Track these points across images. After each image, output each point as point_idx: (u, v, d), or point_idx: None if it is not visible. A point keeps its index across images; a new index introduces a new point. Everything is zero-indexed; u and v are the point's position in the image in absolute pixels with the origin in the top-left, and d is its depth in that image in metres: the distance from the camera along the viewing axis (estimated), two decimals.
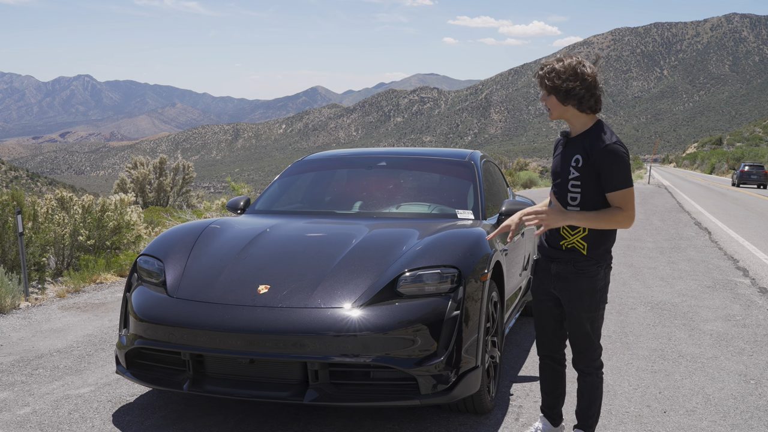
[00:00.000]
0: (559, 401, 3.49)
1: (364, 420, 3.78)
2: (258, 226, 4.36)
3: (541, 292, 3.34)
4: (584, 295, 3.17)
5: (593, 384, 3.28)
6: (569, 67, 3.07)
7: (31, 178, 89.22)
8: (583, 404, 3.31)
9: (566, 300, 3.22)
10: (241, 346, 3.35)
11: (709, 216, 16.70)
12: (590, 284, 3.16)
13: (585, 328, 3.21)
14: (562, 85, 3.06)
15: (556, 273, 3.22)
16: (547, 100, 3.16)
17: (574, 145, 3.16)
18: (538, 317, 3.40)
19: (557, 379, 3.44)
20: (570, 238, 3.17)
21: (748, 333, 5.78)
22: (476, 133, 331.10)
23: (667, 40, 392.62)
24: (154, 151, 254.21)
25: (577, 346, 3.27)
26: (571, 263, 3.17)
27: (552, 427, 3.50)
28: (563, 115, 3.17)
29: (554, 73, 3.08)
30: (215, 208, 14.62)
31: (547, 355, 3.43)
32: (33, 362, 4.87)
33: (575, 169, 3.11)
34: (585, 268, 3.16)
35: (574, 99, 3.08)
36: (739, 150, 71.18)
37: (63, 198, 8.88)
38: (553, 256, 3.24)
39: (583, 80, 3.07)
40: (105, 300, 7.00)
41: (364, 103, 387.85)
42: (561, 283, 3.22)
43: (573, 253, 3.16)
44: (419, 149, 6.02)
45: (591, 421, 3.31)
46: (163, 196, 19.57)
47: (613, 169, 3.04)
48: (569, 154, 3.16)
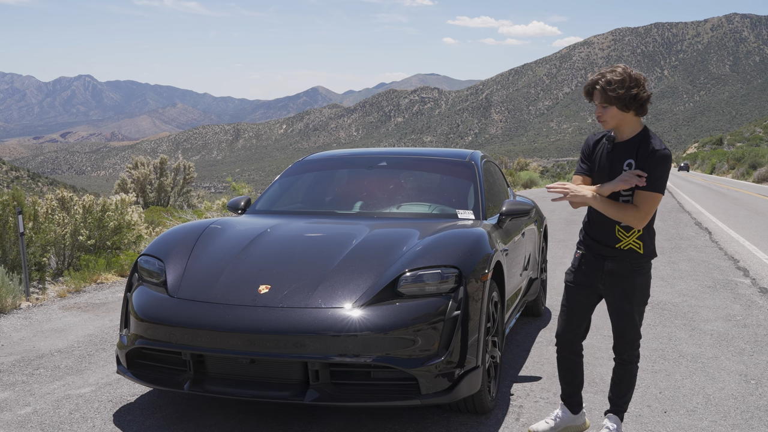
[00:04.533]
0: (578, 389, 3.64)
1: (365, 420, 3.79)
2: (258, 226, 4.36)
3: (582, 287, 3.49)
4: (638, 290, 3.38)
5: (632, 372, 3.49)
6: (626, 75, 3.21)
7: (31, 178, 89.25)
8: (620, 391, 3.50)
9: (619, 295, 3.39)
10: (241, 346, 3.35)
11: (709, 216, 16.70)
12: (644, 280, 3.39)
13: (635, 319, 3.42)
14: (627, 93, 3.19)
15: (610, 270, 3.39)
16: (605, 112, 3.26)
17: (624, 149, 3.30)
18: (569, 311, 3.53)
19: (576, 370, 3.61)
20: (626, 240, 3.34)
21: (748, 333, 5.78)
22: (477, 133, 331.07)
23: (667, 41, 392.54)
24: (154, 151, 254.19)
25: (625, 336, 3.45)
26: (627, 261, 3.36)
27: (572, 415, 3.64)
28: (620, 123, 3.28)
29: (616, 83, 3.19)
30: (216, 208, 14.63)
31: (567, 347, 3.57)
32: (34, 362, 4.87)
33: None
34: (641, 265, 3.37)
35: (637, 104, 3.22)
36: (739, 150, 71.11)
37: (64, 198, 8.89)
38: (607, 254, 3.39)
39: (641, 85, 3.23)
40: (106, 300, 7.01)
41: (364, 104, 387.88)
42: (614, 279, 3.39)
43: (630, 252, 3.35)
44: (420, 149, 6.02)
45: (626, 406, 3.53)
46: (164, 196, 19.57)
47: (656, 173, 3.22)
48: (620, 158, 3.31)
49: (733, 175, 54.99)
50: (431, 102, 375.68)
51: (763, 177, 43.87)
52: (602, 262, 3.40)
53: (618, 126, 3.29)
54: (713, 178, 53.33)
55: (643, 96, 3.22)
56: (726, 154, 70.93)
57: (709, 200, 23.23)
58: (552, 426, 3.59)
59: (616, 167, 3.30)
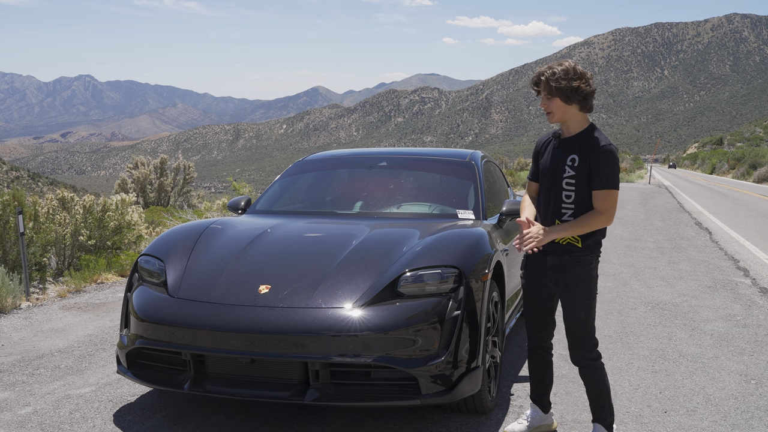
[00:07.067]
0: (548, 389, 3.67)
1: (365, 420, 3.79)
2: (259, 226, 4.36)
3: (535, 285, 3.51)
4: (579, 282, 3.36)
5: (592, 376, 3.42)
6: (570, 68, 3.27)
7: (32, 178, 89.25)
8: (590, 398, 3.47)
9: (562, 288, 3.39)
10: (241, 346, 3.35)
11: (709, 216, 16.70)
12: (585, 272, 3.36)
13: (580, 316, 3.37)
14: (568, 84, 3.23)
15: (552, 264, 3.41)
16: (550, 104, 3.32)
17: (568, 145, 3.34)
18: (530, 310, 3.57)
19: (546, 368, 3.63)
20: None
21: (748, 333, 5.78)
22: (477, 133, 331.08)
23: (667, 41, 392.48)
24: (155, 151, 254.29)
25: (572, 336, 3.43)
26: (566, 254, 3.36)
27: (542, 414, 3.67)
28: (564, 117, 3.33)
29: (558, 74, 3.25)
30: (216, 208, 14.63)
31: (537, 345, 3.60)
32: (34, 362, 4.88)
33: (571, 168, 3.31)
34: (579, 257, 3.35)
35: (579, 97, 3.26)
36: (739, 150, 71.11)
37: (64, 198, 8.89)
38: (548, 249, 3.40)
39: (585, 78, 3.27)
40: (106, 300, 7.01)
41: (364, 104, 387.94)
42: (557, 274, 3.40)
43: (569, 246, 3.36)
44: (420, 149, 6.02)
45: (604, 413, 3.44)
46: (164, 196, 19.57)
47: (605, 169, 3.25)
48: (564, 154, 3.34)
49: (733, 175, 54.97)
50: (431, 102, 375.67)
51: (763, 177, 43.86)
52: (545, 258, 3.42)
53: (563, 120, 3.33)
54: (713, 178, 53.30)
55: (585, 89, 3.24)
56: (726, 154, 70.91)
57: (709, 200, 23.23)
58: (527, 425, 3.62)
59: (560, 164, 3.33)
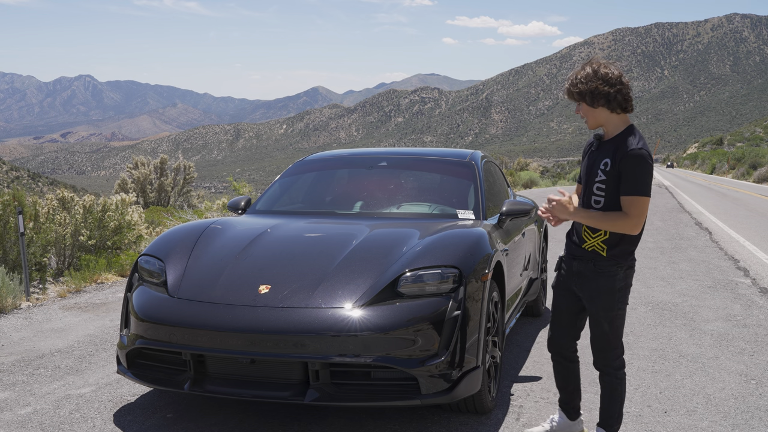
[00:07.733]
0: (574, 397, 3.55)
1: (365, 420, 3.79)
2: (259, 226, 4.36)
3: (562, 288, 3.43)
4: (603, 294, 3.23)
5: (611, 384, 3.34)
6: (592, 71, 3.15)
7: (32, 178, 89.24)
8: (603, 404, 3.39)
9: (587, 298, 3.30)
10: (242, 346, 3.35)
11: (709, 216, 16.69)
12: (609, 284, 3.22)
13: (603, 327, 3.28)
14: (587, 86, 3.13)
15: (578, 271, 3.31)
16: (581, 110, 3.23)
17: (605, 149, 3.22)
18: (555, 312, 3.48)
19: (570, 376, 3.52)
20: (590, 241, 3.25)
21: (748, 333, 5.78)
22: (477, 134, 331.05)
23: (667, 41, 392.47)
24: (155, 151, 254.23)
25: (595, 345, 3.34)
26: (591, 262, 3.25)
27: (568, 421, 3.57)
28: (597, 120, 3.22)
29: (577, 79, 3.17)
30: (216, 208, 14.63)
31: (558, 352, 3.50)
32: (34, 362, 4.87)
33: (603, 173, 3.17)
34: (604, 267, 3.22)
35: (602, 98, 3.13)
36: (739, 150, 71.07)
37: (64, 198, 8.89)
38: (575, 254, 3.32)
39: (605, 79, 3.12)
40: (106, 300, 7.01)
41: (364, 104, 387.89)
42: (581, 281, 3.30)
43: (593, 254, 3.25)
44: (420, 149, 6.02)
45: (611, 420, 3.37)
46: (164, 196, 19.57)
47: (633, 174, 3.08)
48: (599, 157, 3.22)
49: (733, 175, 54.95)
50: (431, 102, 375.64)
51: (763, 177, 43.85)
52: (572, 263, 3.33)
53: (598, 124, 3.24)
54: (713, 178, 53.29)
55: (606, 91, 3.10)
56: (726, 154, 70.89)
57: (709, 200, 23.22)
58: (548, 430, 3.56)
59: (594, 168, 3.22)
